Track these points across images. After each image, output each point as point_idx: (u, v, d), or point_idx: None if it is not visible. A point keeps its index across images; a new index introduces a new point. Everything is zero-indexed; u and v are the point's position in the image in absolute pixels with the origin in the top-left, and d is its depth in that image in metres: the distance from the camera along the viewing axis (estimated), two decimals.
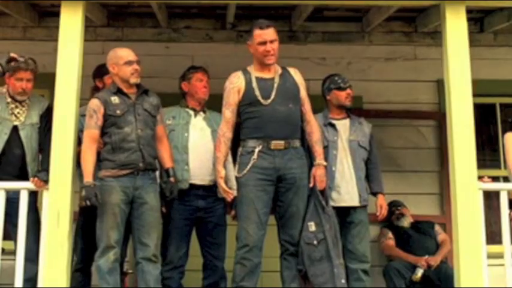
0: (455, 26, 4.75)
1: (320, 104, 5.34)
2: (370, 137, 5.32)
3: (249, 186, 4.61)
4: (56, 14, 5.52)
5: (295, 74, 4.87)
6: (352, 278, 5.00)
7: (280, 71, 4.83)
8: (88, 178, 4.52)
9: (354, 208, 5.11)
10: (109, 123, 4.68)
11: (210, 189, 4.97)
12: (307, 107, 4.83)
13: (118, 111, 4.68)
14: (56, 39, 5.86)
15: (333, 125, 5.22)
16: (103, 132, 4.69)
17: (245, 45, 4.88)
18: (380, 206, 5.22)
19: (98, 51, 5.79)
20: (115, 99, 4.71)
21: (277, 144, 4.63)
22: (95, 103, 4.70)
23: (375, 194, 5.29)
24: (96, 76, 5.28)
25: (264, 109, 4.67)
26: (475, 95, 6.73)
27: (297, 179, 4.67)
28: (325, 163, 4.82)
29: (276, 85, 4.73)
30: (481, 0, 5.01)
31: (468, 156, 4.64)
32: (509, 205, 4.88)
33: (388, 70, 6.73)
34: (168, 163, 4.84)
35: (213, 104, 5.18)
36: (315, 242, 4.65)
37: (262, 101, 4.68)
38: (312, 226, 4.68)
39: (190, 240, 5.04)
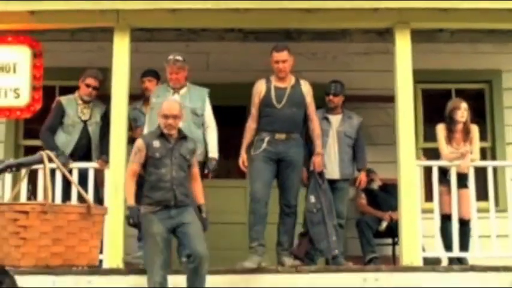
0: (403, 44, 6.01)
1: (314, 90, 6.21)
2: (358, 128, 6.57)
3: (259, 161, 5.82)
4: None
5: (304, 85, 6.04)
6: None
7: (293, 81, 5.99)
8: (130, 202, 5.07)
9: (337, 179, 6.40)
10: (149, 163, 5.08)
11: None
12: (311, 109, 6.02)
13: (157, 154, 5.07)
14: (98, 40, 6.98)
15: (327, 118, 6.50)
16: (145, 169, 5.14)
17: (250, 43, 6.10)
18: (360, 179, 6.53)
19: (133, 50, 6.42)
20: (156, 143, 5.09)
21: (280, 136, 5.84)
22: (140, 143, 5.16)
23: (359, 170, 6.58)
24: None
25: (275, 110, 5.88)
26: (435, 81, 8.08)
27: (293, 161, 5.85)
28: (322, 152, 6.04)
29: (287, 93, 5.91)
30: (422, 23, 6.16)
31: (408, 140, 5.84)
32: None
33: (366, 63, 7.61)
34: (200, 199, 5.31)
35: (228, 92, 6.29)
36: (314, 210, 5.82)
37: (276, 104, 5.89)
38: (312, 199, 5.86)
39: None
